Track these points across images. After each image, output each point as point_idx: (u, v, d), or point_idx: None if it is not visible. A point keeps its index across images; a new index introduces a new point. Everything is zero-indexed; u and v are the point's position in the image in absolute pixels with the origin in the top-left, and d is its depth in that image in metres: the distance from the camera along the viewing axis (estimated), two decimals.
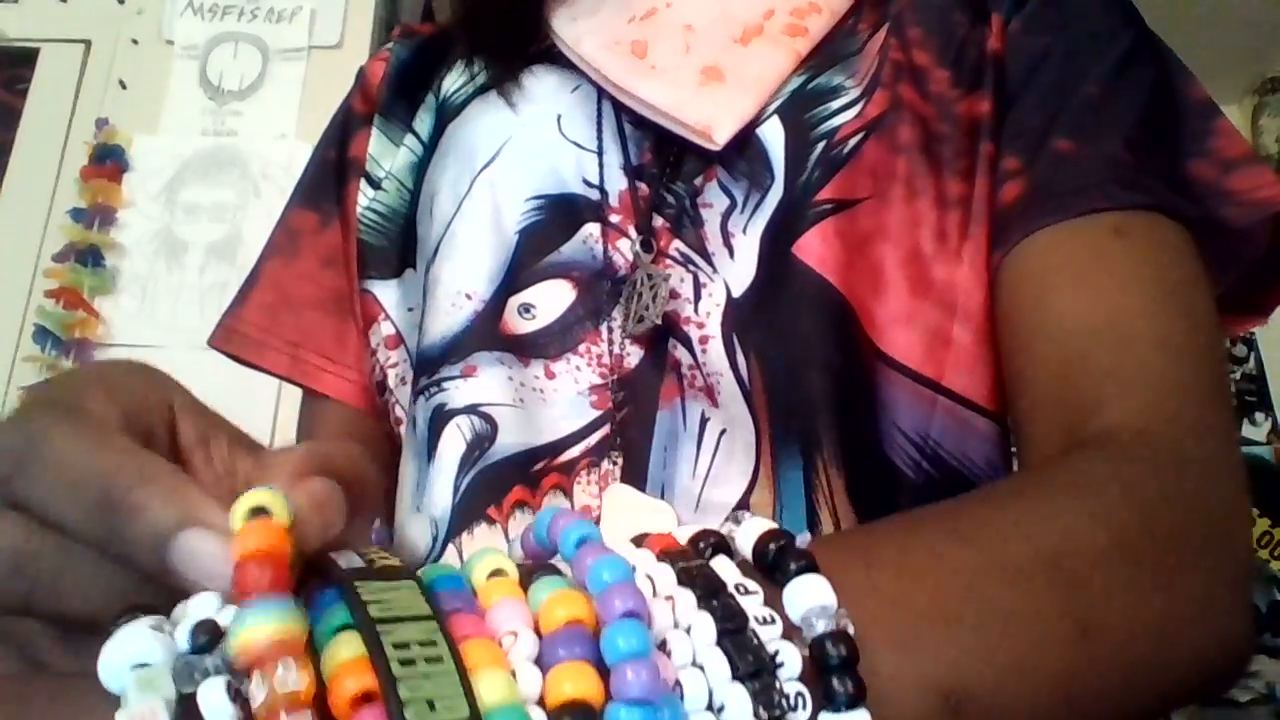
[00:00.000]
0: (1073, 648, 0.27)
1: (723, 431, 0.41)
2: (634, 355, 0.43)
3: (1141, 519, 0.30)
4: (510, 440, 0.43)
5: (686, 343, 0.43)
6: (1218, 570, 0.31)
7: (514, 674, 0.19)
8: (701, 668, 0.21)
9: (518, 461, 0.42)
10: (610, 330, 0.44)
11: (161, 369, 0.27)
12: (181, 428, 0.26)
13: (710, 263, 0.44)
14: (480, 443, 0.43)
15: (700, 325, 0.43)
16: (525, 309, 0.45)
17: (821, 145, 0.44)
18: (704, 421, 0.41)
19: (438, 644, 0.19)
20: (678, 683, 0.21)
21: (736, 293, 0.43)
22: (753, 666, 0.21)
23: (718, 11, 0.48)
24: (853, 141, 0.44)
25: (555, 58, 0.51)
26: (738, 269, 0.43)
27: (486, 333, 0.45)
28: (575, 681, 0.19)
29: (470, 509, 0.42)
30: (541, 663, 0.20)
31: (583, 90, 0.49)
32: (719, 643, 0.21)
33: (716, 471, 0.40)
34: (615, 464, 0.41)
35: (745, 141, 0.45)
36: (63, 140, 1.46)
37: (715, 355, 0.42)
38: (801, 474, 0.40)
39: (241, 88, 1.48)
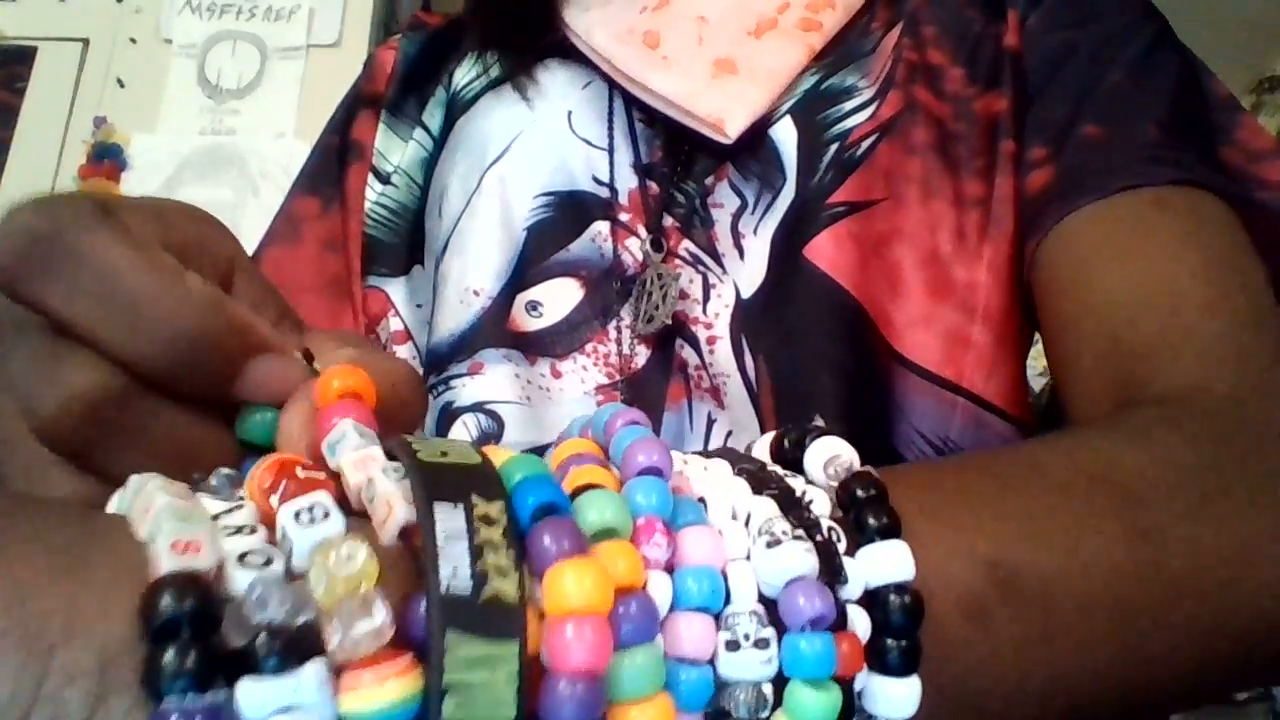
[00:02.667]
0: (1130, 545, 0.24)
1: (729, 433, 0.41)
2: (642, 355, 0.43)
3: (1199, 455, 0.27)
4: (516, 438, 0.42)
5: (694, 343, 0.42)
6: None
7: None
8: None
9: None
10: (618, 330, 0.43)
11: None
12: (237, 285, 0.24)
13: (720, 263, 0.43)
14: (487, 440, 0.43)
15: (708, 326, 0.42)
16: (533, 306, 0.45)
17: (834, 147, 0.44)
18: (710, 423, 0.41)
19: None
20: (701, 499, 0.20)
21: (746, 294, 0.42)
22: (776, 490, 0.20)
23: (731, 3, 0.47)
24: (865, 144, 0.44)
25: (568, 51, 0.50)
26: (747, 270, 0.43)
27: (494, 330, 0.45)
28: (590, 475, 0.18)
29: None
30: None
31: (594, 86, 0.49)
32: (737, 473, 0.20)
33: None
34: None
35: (757, 141, 0.44)
36: (61, 139, 1.45)
37: (723, 356, 0.42)
38: None
39: (240, 86, 1.47)
